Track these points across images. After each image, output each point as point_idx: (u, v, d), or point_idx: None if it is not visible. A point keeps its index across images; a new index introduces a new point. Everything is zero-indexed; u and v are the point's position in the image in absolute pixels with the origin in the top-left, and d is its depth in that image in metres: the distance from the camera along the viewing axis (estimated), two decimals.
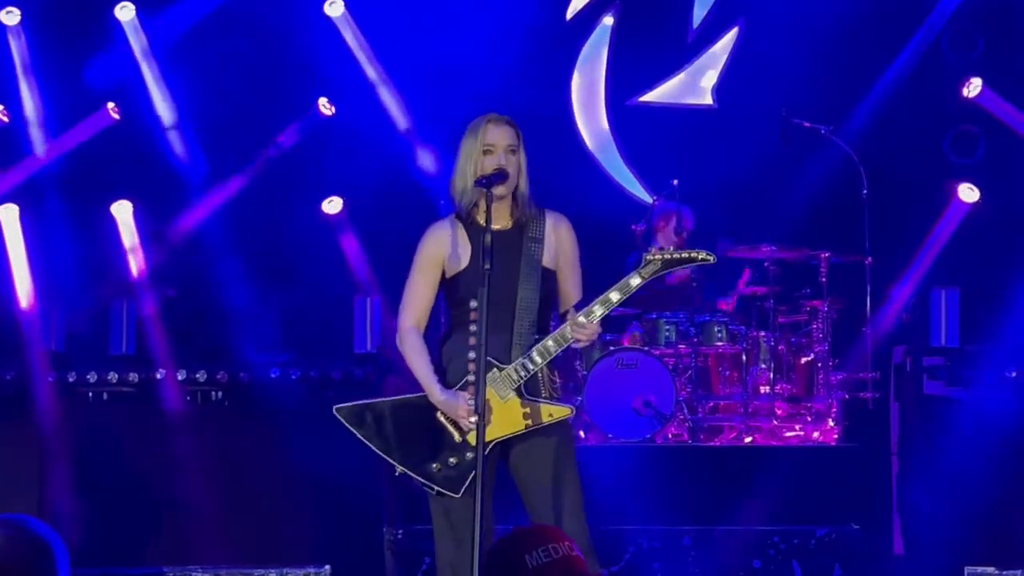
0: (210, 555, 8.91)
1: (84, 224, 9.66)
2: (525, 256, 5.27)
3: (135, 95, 9.70)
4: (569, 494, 5.24)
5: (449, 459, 5.18)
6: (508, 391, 5.17)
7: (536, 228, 5.32)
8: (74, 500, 8.97)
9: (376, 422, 5.30)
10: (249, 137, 9.84)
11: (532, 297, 5.24)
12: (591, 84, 10.72)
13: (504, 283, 5.17)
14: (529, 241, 5.29)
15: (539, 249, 5.30)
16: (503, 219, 5.26)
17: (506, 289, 5.18)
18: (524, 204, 5.32)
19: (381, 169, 9.82)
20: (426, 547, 8.02)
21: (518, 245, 5.28)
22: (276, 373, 9.37)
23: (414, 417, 5.27)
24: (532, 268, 5.26)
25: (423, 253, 5.39)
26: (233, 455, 9.19)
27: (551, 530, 2.95)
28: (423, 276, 5.37)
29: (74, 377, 9.31)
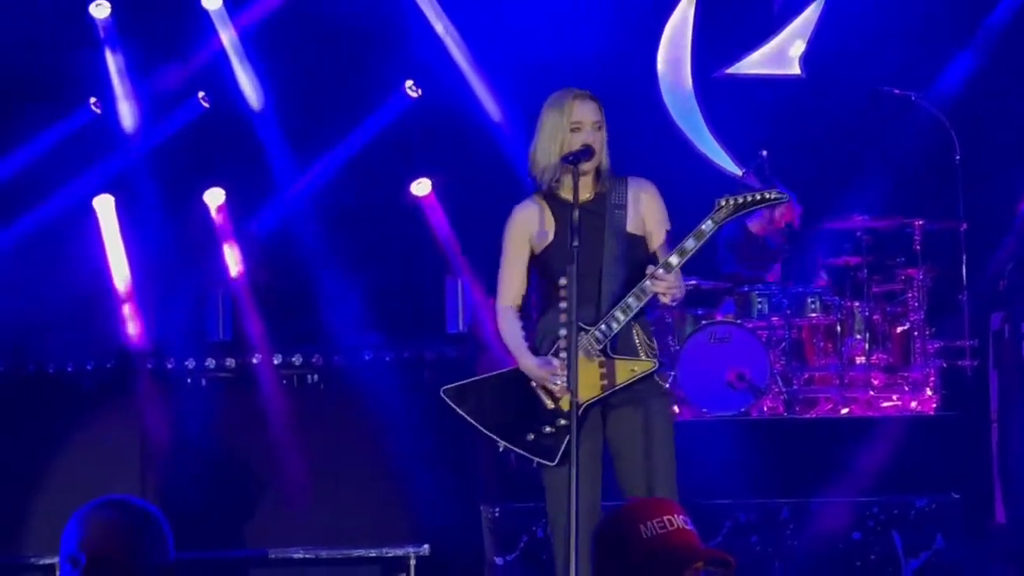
0: (309, 536, 9.01)
1: (178, 212, 9.76)
2: (609, 225, 5.27)
3: (224, 83, 9.77)
4: (662, 466, 5.23)
5: (544, 428, 5.19)
6: (595, 352, 5.17)
7: (619, 195, 5.31)
8: (175, 485, 9.11)
9: (478, 399, 5.34)
10: (337, 121, 9.88)
11: (617, 263, 5.24)
12: (677, 56, 10.65)
13: (589, 254, 5.17)
14: (613, 208, 5.29)
15: (623, 216, 5.29)
16: (586, 191, 5.27)
17: (591, 260, 5.19)
18: (605, 176, 5.32)
19: (468, 149, 9.83)
20: (524, 525, 8.06)
21: (601, 215, 5.28)
22: (369, 355, 9.44)
23: (509, 390, 5.30)
24: (616, 236, 5.26)
25: (510, 233, 5.41)
26: (330, 437, 9.28)
27: (665, 502, 2.95)
28: (513, 256, 5.39)
29: (173, 364, 9.45)
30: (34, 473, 9.25)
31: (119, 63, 9.72)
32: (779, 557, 7.82)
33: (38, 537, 9.13)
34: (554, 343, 5.18)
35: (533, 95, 6.06)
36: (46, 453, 9.27)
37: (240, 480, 9.16)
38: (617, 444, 5.26)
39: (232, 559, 8.87)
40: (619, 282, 5.23)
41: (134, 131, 9.77)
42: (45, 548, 8.97)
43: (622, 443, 5.25)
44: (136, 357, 9.40)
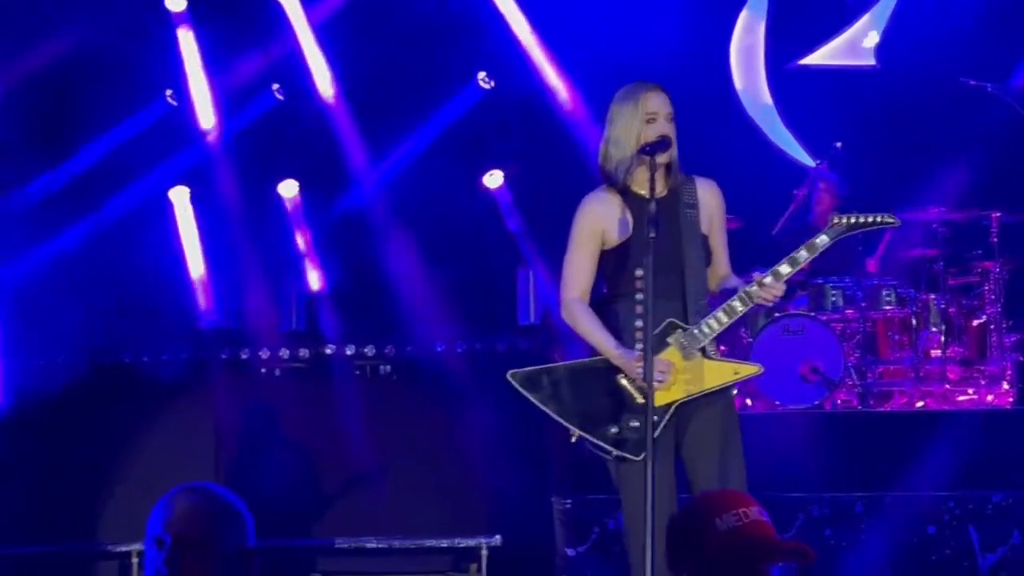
0: (382, 526, 9.06)
1: (252, 204, 9.82)
2: (684, 222, 5.25)
3: (298, 75, 9.82)
4: (733, 462, 5.21)
5: (630, 422, 5.15)
6: (693, 351, 5.16)
7: (689, 194, 5.30)
8: (248, 473, 9.18)
9: (552, 386, 5.28)
10: (410, 112, 9.90)
11: (699, 262, 5.23)
12: (750, 48, 10.60)
13: (669, 249, 5.15)
14: (685, 207, 5.28)
15: (695, 214, 5.28)
16: (660, 186, 5.23)
17: (672, 255, 5.17)
18: (677, 171, 5.30)
19: (540, 140, 9.83)
20: (596, 516, 8.04)
21: (676, 211, 5.26)
22: (442, 347, 9.47)
23: (592, 381, 5.25)
24: (693, 234, 5.25)
25: (582, 225, 5.36)
26: (402, 427, 9.33)
27: (740, 494, 2.93)
28: (584, 248, 5.34)
29: (247, 354, 9.54)
30: (110, 463, 9.37)
31: (194, 55, 9.78)
32: (853, 551, 7.77)
33: (114, 525, 9.24)
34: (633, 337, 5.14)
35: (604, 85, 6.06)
36: (122, 443, 9.38)
37: (312, 469, 9.24)
38: (690, 440, 5.24)
39: (305, 547, 8.93)
40: (702, 281, 5.22)
41: (209, 123, 9.83)
42: (121, 536, 9.08)
43: (695, 439, 5.23)
44: (211, 348, 9.49)
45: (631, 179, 5.26)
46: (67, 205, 9.67)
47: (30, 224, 9.57)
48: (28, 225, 9.57)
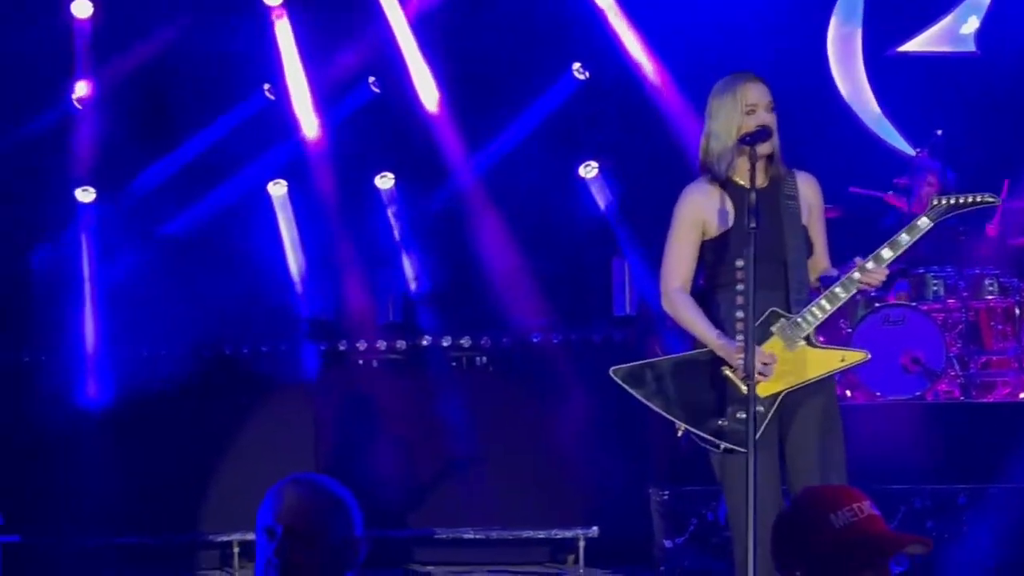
0: (480, 517, 9.09)
1: (349, 197, 9.88)
2: (785, 212, 5.21)
3: (394, 68, 9.85)
4: (834, 453, 5.16)
5: (737, 414, 5.11)
6: (797, 340, 5.11)
7: (790, 186, 5.26)
8: (346, 464, 9.25)
9: (656, 381, 5.25)
10: (505, 104, 9.90)
11: (800, 252, 5.18)
12: (848, 35, 10.48)
13: (771, 240, 5.11)
14: (786, 199, 5.23)
15: (796, 207, 5.24)
16: (761, 177, 5.19)
17: (774, 246, 5.13)
18: (778, 161, 5.26)
19: (635, 131, 9.79)
20: (694, 508, 8.02)
21: (777, 201, 5.22)
22: (538, 337, 9.48)
23: (697, 373, 5.21)
24: (795, 225, 5.20)
25: (683, 215, 5.32)
26: (498, 419, 9.35)
27: (850, 490, 2.89)
28: (685, 238, 5.30)
29: (345, 345, 9.61)
30: (211, 454, 9.48)
31: (291, 50, 9.86)
32: (955, 543, 7.67)
33: (215, 516, 9.35)
34: (734, 327, 5.10)
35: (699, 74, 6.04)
36: (222, 434, 9.49)
37: (410, 461, 9.28)
38: (792, 431, 5.19)
39: (403, 538, 8.98)
40: (804, 271, 5.18)
41: (306, 117, 9.90)
42: (222, 526, 9.19)
43: (797, 430, 5.18)
44: (309, 339, 9.57)
45: (732, 170, 5.23)
46: (168, 200, 9.79)
47: (132, 219, 9.71)
48: (130, 220, 9.70)
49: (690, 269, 5.32)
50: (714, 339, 5.12)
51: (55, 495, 9.14)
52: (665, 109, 9.64)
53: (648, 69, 9.76)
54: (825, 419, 5.18)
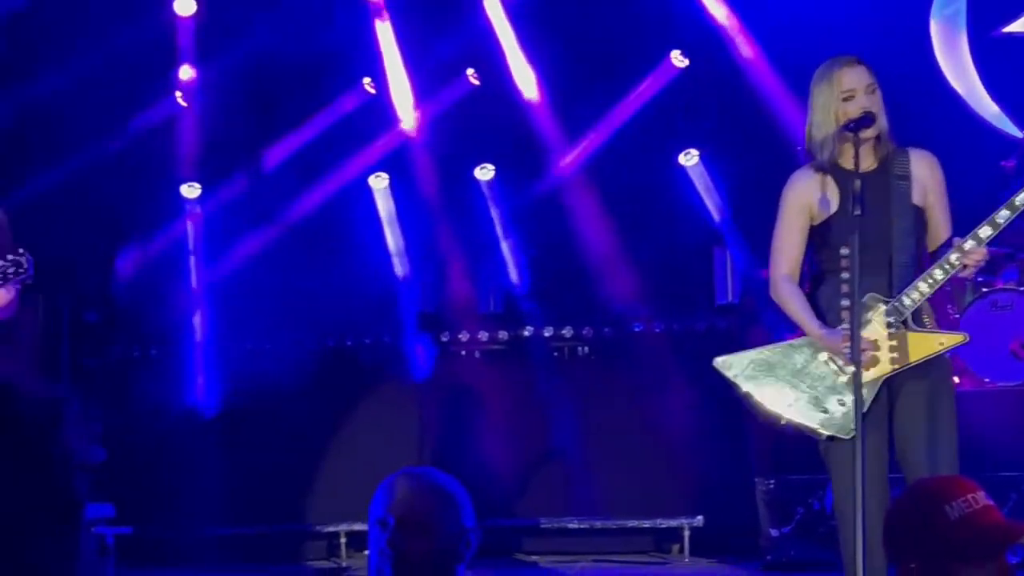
0: (583, 506, 9.10)
1: (450, 188, 9.92)
2: (895, 195, 5.16)
3: (492, 59, 9.86)
4: (945, 440, 5.10)
5: (837, 401, 5.09)
6: (896, 324, 5.07)
7: (901, 166, 5.20)
8: (450, 455, 9.30)
9: (757, 371, 5.25)
10: (604, 92, 9.87)
11: (907, 235, 5.13)
12: (952, 16, 10.33)
13: (877, 224, 5.07)
14: (896, 180, 5.18)
15: (907, 187, 5.18)
16: (869, 160, 5.15)
17: (879, 230, 5.08)
18: (887, 142, 5.21)
19: (736, 118, 9.72)
20: (800, 497, 7.97)
21: (886, 185, 5.17)
22: (640, 327, 9.46)
23: (798, 362, 5.20)
24: (903, 206, 5.14)
25: (789, 202, 5.30)
26: (601, 408, 9.35)
27: (964, 480, 2.87)
28: (792, 225, 5.29)
29: (447, 337, 9.65)
30: (317, 445, 9.57)
31: (391, 43, 9.90)
32: None
33: (322, 507, 9.45)
34: (839, 315, 5.08)
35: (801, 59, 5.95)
36: (328, 426, 9.58)
37: (513, 451, 9.31)
38: (901, 417, 5.14)
39: (507, 527, 9.01)
40: (910, 254, 5.12)
41: (406, 110, 9.95)
42: (328, 517, 9.29)
43: (907, 416, 5.13)
44: (413, 330, 9.62)
45: (838, 155, 5.19)
46: (271, 194, 9.88)
47: (237, 213, 9.82)
48: (235, 214, 9.81)
49: (797, 256, 5.30)
50: (815, 328, 5.11)
51: (166, 487, 9.28)
52: (766, 95, 9.55)
53: (748, 55, 9.68)
54: (934, 404, 5.12)
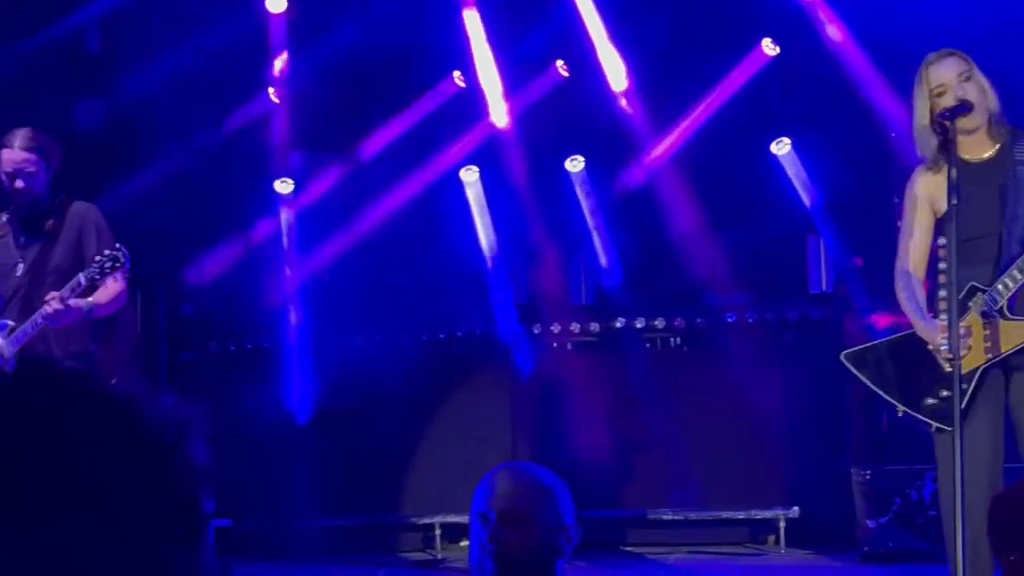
0: (678, 498, 9.08)
1: (540, 180, 9.92)
2: (1011, 180, 5.10)
3: (582, 50, 9.85)
4: None
5: (941, 392, 5.07)
6: (992, 313, 5.03)
7: (1021, 151, 5.14)
8: (542, 446, 9.32)
9: (876, 363, 5.29)
10: (695, 81, 9.82)
11: (1017, 224, 5.06)
12: None
13: (986, 213, 5.03)
14: (1016, 165, 5.12)
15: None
16: (983, 148, 5.13)
17: (988, 219, 5.05)
18: (1002, 126, 5.16)
19: (829, 105, 9.62)
20: (897, 487, 7.91)
21: (1004, 172, 5.12)
22: (733, 317, 9.41)
23: (908, 353, 5.23)
24: (1019, 194, 5.08)
25: (909, 196, 5.34)
26: (695, 399, 9.32)
27: None
28: (912, 219, 5.32)
29: (539, 328, 9.65)
30: (411, 438, 9.62)
31: (480, 35, 9.92)
32: None
33: (416, 498, 9.50)
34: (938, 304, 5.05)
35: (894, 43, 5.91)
36: (421, 419, 9.63)
37: (605, 443, 9.29)
38: (1017, 409, 5.10)
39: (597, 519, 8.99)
40: (1017, 241, 5.06)
41: (496, 102, 9.97)
42: (423, 509, 9.34)
43: (1014, 404, 5.09)
44: (504, 323, 9.65)
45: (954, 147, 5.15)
46: (363, 188, 9.94)
47: (329, 209, 9.89)
48: (328, 209, 9.89)
49: (920, 250, 5.30)
50: (918, 321, 5.13)
51: (263, 480, 9.39)
52: (858, 82, 9.45)
53: (840, 41, 9.57)
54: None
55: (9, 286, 6.16)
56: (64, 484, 1.01)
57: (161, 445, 1.05)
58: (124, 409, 1.05)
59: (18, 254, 6.18)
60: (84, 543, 1.00)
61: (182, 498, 1.05)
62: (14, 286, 6.16)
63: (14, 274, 6.16)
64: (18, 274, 6.16)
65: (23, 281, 6.15)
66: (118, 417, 1.05)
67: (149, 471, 1.03)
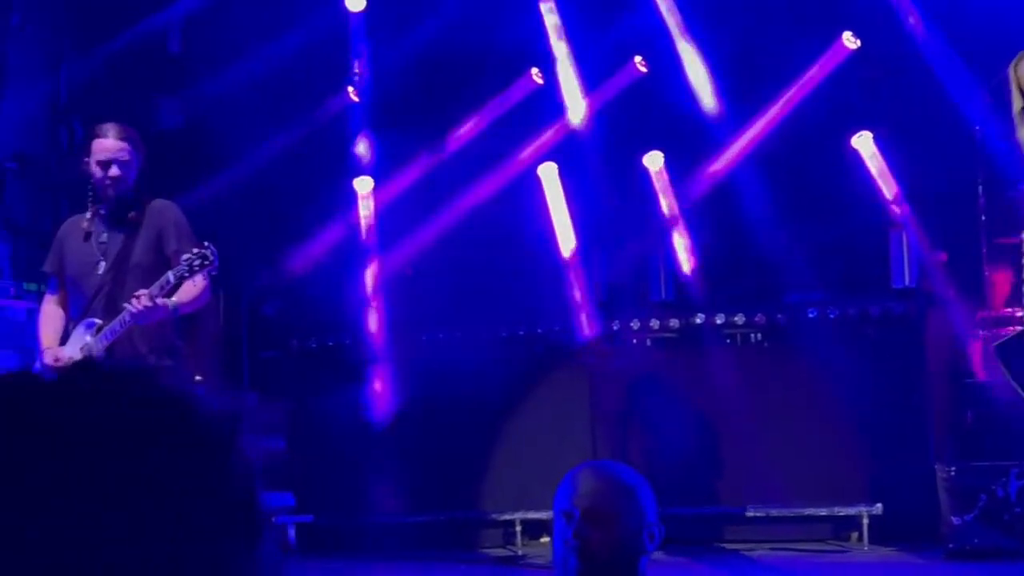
0: (761, 494, 9.02)
1: (618, 176, 9.90)
2: None
3: (660, 46, 9.81)
4: None
5: None
6: None
7: None
8: (622, 442, 9.30)
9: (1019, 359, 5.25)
10: (774, 75, 9.76)
11: None
12: None
13: None
14: None
15: None
16: None
17: None
18: None
19: (910, 99, 9.52)
20: (983, 483, 7.80)
21: None
22: (814, 313, 9.34)
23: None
24: None
25: None
26: (777, 396, 9.25)
27: None
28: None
29: (618, 325, 9.64)
30: (491, 434, 9.64)
31: (558, 32, 9.92)
32: None
33: (497, 495, 9.52)
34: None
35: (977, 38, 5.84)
36: (502, 415, 9.64)
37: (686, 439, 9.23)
38: None
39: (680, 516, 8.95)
40: None
41: (574, 99, 9.96)
42: (504, 505, 9.36)
43: None
44: (583, 319, 9.64)
45: None
46: (442, 185, 9.98)
47: (408, 205, 9.94)
48: (406, 206, 9.93)
49: None
50: None
51: (344, 476, 9.44)
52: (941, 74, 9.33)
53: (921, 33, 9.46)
54: None
55: (92, 284, 6.23)
56: (119, 483, 1.01)
57: (215, 442, 1.05)
58: (177, 406, 1.06)
59: (99, 252, 6.25)
60: (138, 542, 1.01)
61: (237, 495, 1.05)
62: (97, 284, 6.22)
63: (96, 272, 6.23)
64: (100, 272, 6.22)
65: (105, 279, 6.21)
66: (172, 415, 1.05)
67: (203, 469, 1.03)
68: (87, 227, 6.30)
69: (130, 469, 1.01)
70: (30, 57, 9.61)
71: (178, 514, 1.01)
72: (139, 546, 0.99)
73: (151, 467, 1.01)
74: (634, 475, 3.12)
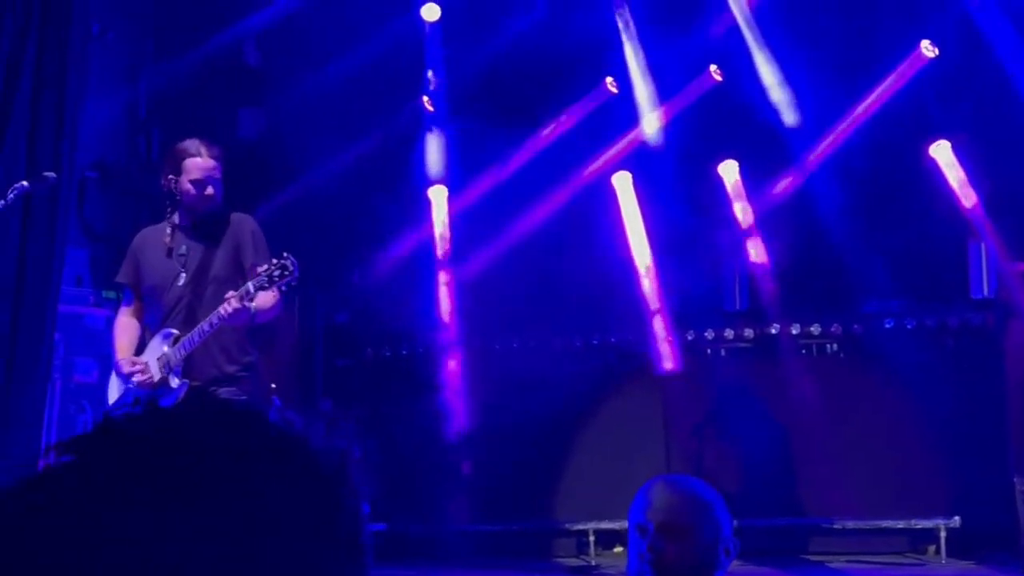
0: (837, 506, 8.96)
1: (693, 185, 9.87)
2: None
3: (736, 54, 9.77)
4: None
5: None
6: None
7: None
8: (696, 453, 9.26)
9: None
10: (851, 83, 9.69)
11: None
12: None
13: None
14: None
15: None
16: None
17: None
18: None
19: (991, 108, 9.42)
20: None
21: None
22: (891, 323, 9.26)
23: None
24: None
25: None
26: (852, 406, 9.19)
27: None
28: None
29: (692, 335, 9.60)
30: (566, 443, 9.64)
31: (634, 41, 9.91)
32: None
33: (571, 505, 9.51)
34: None
35: None
36: (576, 425, 9.64)
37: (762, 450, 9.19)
38: None
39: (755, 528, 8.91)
40: None
41: (649, 108, 9.94)
42: (578, 515, 9.35)
43: None
44: (659, 328, 9.61)
45: None
46: (517, 194, 9.99)
47: (484, 214, 9.96)
48: (482, 215, 9.96)
49: None
50: None
51: (418, 484, 9.48)
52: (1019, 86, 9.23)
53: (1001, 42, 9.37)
54: None
55: (172, 296, 6.26)
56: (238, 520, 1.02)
57: (326, 478, 1.06)
58: (291, 443, 1.07)
59: (180, 264, 6.29)
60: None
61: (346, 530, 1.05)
62: (177, 295, 6.26)
63: (176, 284, 6.26)
64: (180, 284, 6.26)
65: (185, 291, 6.25)
66: (286, 452, 1.06)
67: (316, 505, 1.04)
68: (168, 242, 6.34)
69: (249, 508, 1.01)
70: (110, 66, 9.73)
71: (292, 550, 1.01)
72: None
73: (269, 505, 1.02)
74: (709, 489, 3.11)
